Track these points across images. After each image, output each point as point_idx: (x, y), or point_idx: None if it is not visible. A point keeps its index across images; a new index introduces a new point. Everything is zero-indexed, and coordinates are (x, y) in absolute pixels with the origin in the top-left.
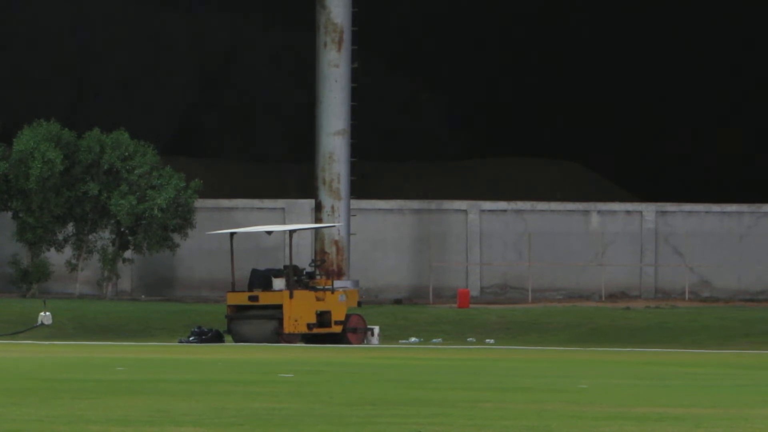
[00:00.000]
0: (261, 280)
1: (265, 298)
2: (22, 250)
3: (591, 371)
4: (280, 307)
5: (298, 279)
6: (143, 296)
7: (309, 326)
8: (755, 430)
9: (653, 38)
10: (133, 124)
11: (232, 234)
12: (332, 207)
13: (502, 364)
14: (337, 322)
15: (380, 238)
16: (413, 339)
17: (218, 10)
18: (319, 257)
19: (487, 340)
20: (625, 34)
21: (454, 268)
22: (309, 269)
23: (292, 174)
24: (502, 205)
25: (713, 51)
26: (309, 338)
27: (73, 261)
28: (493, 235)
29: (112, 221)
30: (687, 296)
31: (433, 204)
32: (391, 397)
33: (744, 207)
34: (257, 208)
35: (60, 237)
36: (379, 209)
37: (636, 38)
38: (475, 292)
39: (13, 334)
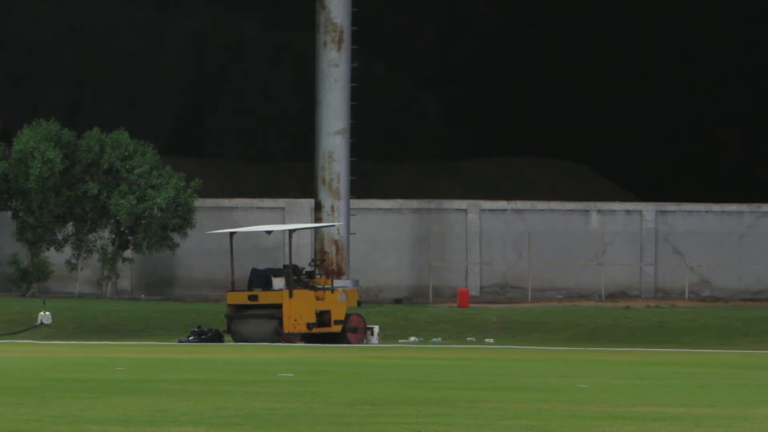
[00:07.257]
0: (261, 279)
1: (264, 298)
2: (22, 249)
3: (591, 371)
4: (279, 306)
5: (297, 278)
6: (143, 296)
7: (309, 326)
8: (755, 430)
9: (651, 38)
10: (133, 124)
11: (231, 234)
12: (332, 207)
13: (501, 363)
14: (336, 322)
15: (380, 237)
16: (413, 339)
17: (218, 10)
18: (319, 257)
19: (487, 340)
20: (624, 35)
21: (453, 267)
22: (309, 269)
23: (291, 174)
24: (502, 204)
25: (713, 49)
26: (309, 338)
27: (73, 260)
28: (493, 234)
29: (112, 221)
30: (687, 296)
31: (433, 204)
32: (391, 397)
33: (744, 207)
34: (257, 208)
35: (60, 237)
36: (379, 209)
37: (635, 38)
38: (474, 291)
39: (13, 334)
